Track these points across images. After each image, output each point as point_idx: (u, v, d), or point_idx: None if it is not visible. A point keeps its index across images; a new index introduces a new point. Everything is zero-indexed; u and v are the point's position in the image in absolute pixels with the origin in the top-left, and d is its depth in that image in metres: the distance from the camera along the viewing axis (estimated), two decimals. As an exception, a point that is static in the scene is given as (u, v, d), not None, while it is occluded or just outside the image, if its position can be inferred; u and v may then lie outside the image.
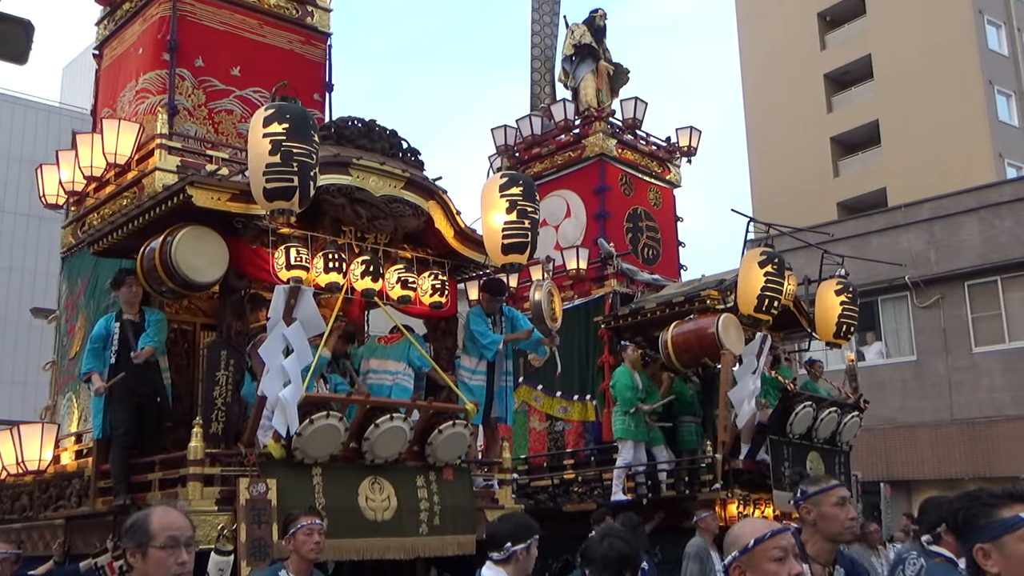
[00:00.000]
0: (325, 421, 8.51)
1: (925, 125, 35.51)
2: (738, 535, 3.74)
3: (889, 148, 37.14)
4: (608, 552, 4.89)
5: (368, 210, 9.45)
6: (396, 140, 9.88)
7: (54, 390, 11.32)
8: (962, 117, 35.09)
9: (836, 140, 39.39)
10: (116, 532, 8.79)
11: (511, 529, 5.39)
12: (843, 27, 40.32)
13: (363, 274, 9.31)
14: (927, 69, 35.98)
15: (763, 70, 40.69)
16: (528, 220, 9.60)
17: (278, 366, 8.14)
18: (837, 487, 5.19)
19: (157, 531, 3.45)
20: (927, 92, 35.70)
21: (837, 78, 39.83)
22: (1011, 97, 36.83)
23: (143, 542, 3.44)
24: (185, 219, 8.66)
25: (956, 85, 35.30)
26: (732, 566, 3.67)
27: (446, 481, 9.49)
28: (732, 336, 12.56)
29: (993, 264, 26.40)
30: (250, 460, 8.38)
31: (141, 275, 8.80)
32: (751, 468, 12.84)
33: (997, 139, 35.30)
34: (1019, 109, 36.94)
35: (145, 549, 3.43)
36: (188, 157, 10.27)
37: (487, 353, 10.61)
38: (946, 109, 35.25)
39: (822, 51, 40.47)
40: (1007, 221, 26.77)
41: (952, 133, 34.91)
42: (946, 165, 34.16)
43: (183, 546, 3.47)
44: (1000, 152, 35.26)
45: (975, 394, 26.86)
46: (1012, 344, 26.60)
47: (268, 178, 8.07)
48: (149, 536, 3.44)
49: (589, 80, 15.86)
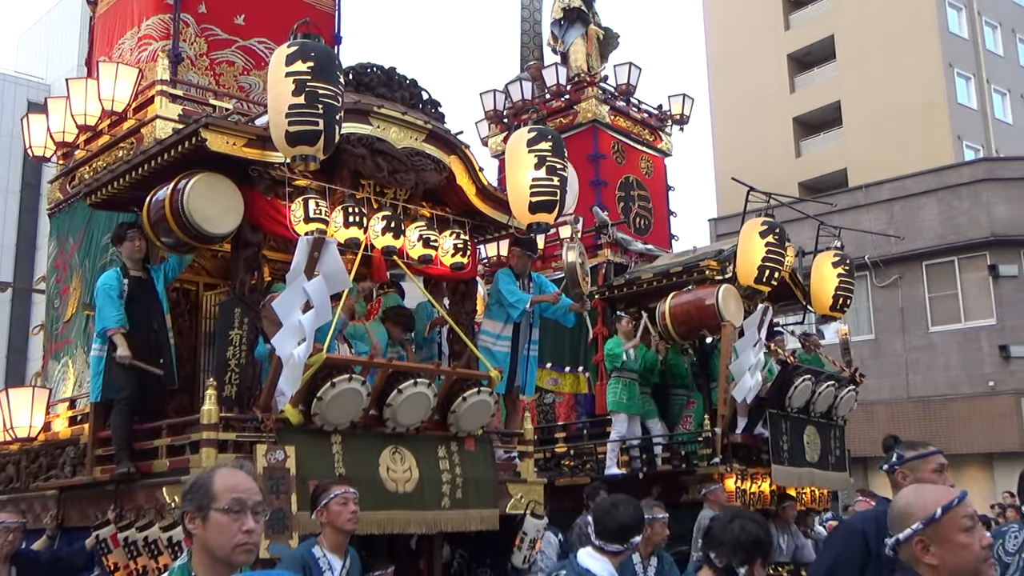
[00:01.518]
0: (347, 385, 7.72)
1: (886, 107, 35.55)
2: (915, 504, 3.16)
3: (850, 129, 37.12)
4: (739, 536, 4.33)
5: (389, 163, 8.62)
6: (416, 90, 9.07)
7: (45, 355, 10.33)
8: (923, 99, 35.22)
9: (798, 120, 39.25)
10: (118, 503, 7.96)
11: (636, 519, 4.73)
12: (807, 7, 40.27)
13: (384, 230, 8.51)
14: (889, 51, 36.02)
15: (727, 48, 40.29)
16: (557, 177, 8.85)
17: (294, 322, 7.30)
18: (936, 453, 4.70)
19: (221, 492, 3.02)
20: (888, 74, 35.76)
21: (800, 58, 39.66)
22: (970, 80, 36.92)
23: (204, 504, 3.01)
24: (194, 167, 7.77)
25: (917, 67, 35.41)
26: (914, 540, 3.10)
27: (468, 452, 8.73)
28: (732, 308, 11.92)
29: (951, 245, 26.22)
30: (267, 425, 7.55)
31: (148, 226, 7.91)
32: (748, 442, 12.23)
33: (956, 121, 35.41)
34: (977, 92, 36.95)
35: (206, 512, 3.00)
36: (190, 107, 9.34)
37: (513, 313, 9.80)
38: (907, 91, 35.33)
39: (786, 31, 40.23)
40: (965, 202, 26.62)
41: (912, 115, 34.87)
42: (906, 147, 34.06)
43: (250, 512, 3.04)
44: (959, 135, 35.39)
45: (931, 372, 26.75)
46: (967, 324, 26.66)
47: (291, 120, 7.25)
48: (211, 498, 3.01)
49: (579, 44, 15.10)
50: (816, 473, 12.50)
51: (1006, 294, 26.11)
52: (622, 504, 4.98)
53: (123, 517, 7.82)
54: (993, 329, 26.12)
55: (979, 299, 26.58)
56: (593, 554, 4.76)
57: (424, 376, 8.23)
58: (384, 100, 8.69)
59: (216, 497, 3.00)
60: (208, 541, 3.01)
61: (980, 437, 25.51)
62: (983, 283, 26.49)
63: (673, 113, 15.33)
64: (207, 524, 3.00)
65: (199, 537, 3.03)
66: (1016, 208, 26.22)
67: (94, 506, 8.31)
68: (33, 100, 36.79)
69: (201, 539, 3.02)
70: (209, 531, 3.00)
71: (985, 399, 25.70)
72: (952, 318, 26.77)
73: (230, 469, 3.17)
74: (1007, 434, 25.27)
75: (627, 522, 4.82)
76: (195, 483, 3.08)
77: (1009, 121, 38.25)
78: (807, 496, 12.82)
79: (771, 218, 12.19)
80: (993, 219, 25.95)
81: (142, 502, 7.74)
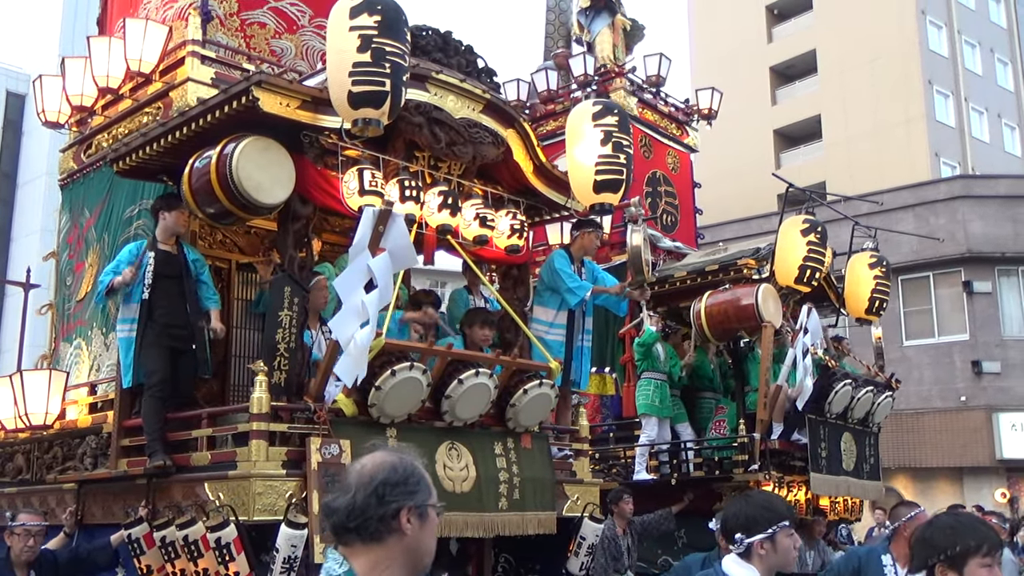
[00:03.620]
0: (408, 373, 6.88)
1: (866, 122, 35.17)
2: None
3: (830, 143, 36.67)
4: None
5: (447, 133, 7.78)
6: (472, 57, 8.23)
7: (53, 337, 9.36)
8: (902, 115, 34.87)
9: (779, 133, 38.73)
10: (150, 498, 7.02)
11: (744, 515, 3.97)
12: (790, 21, 39.84)
13: (440, 207, 7.67)
14: (870, 66, 35.66)
15: (712, 59, 39.66)
16: (623, 155, 8.05)
17: (356, 304, 6.44)
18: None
19: (430, 485, 2.58)
20: (869, 89, 35.39)
21: (782, 71, 39.20)
22: (949, 98, 36.60)
23: (426, 500, 2.53)
24: (238, 132, 6.88)
25: (897, 84, 35.04)
26: None
27: (525, 450, 7.91)
28: (771, 308, 11.17)
29: (926, 260, 25.89)
30: (320, 416, 6.67)
31: (188, 194, 6.99)
32: (785, 449, 11.48)
33: (934, 138, 35.03)
34: (956, 110, 36.67)
35: (425, 510, 2.52)
36: (221, 70, 8.45)
37: (571, 300, 8.90)
38: (887, 107, 34.96)
39: (769, 44, 39.75)
40: (941, 218, 26.32)
41: (891, 131, 34.63)
42: (884, 162, 33.64)
43: None
44: (936, 151, 35.01)
45: (904, 387, 26.18)
46: (941, 339, 26.48)
47: (356, 80, 6.44)
48: (430, 492, 2.56)
49: (605, 34, 14.29)
50: (852, 482, 11.77)
51: (979, 310, 25.83)
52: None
53: (157, 514, 6.91)
54: (966, 345, 25.83)
55: (953, 315, 26.31)
56: (739, 561, 4.01)
57: (485, 366, 7.41)
58: (440, 66, 7.86)
59: (431, 491, 2.55)
60: (421, 542, 2.52)
61: (951, 451, 25.34)
62: (957, 299, 26.23)
63: (701, 108, 14.57)
64: (425, 524, 2.52)
65: (411, 540, 2.49)
66: (991, 225, 25.98)
67: (120, 502, 7.39)
68: (12, 91, 35.61)
69: (412, 542, 2.50)
70: (425, 531, 2.52)
71: (957, 414, 25.47)
72: (926, 332, 26.45)
73: (411, 457, 2.64)
74: (977, 448, 25.05)
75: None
76: (408, 474, 2.53)
77: (986, 139, 37.90)
78: (840, 505, 12.09)
79: (812, 216, 11.51)
80: (969, 236, 25.67)
81: (179, 498, 6.83)
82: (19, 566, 6.69)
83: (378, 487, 2.47)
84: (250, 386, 8.04)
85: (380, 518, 2.45)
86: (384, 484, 2.47)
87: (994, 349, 25.61)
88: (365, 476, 2.50)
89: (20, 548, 6.65)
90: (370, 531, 2.45)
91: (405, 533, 2.47)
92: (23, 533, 6.65)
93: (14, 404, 8.05)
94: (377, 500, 2.45)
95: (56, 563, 6.95)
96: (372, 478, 2.49)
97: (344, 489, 2.52)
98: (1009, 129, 39.38)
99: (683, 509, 11.05)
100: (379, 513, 2.45)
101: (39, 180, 32.18)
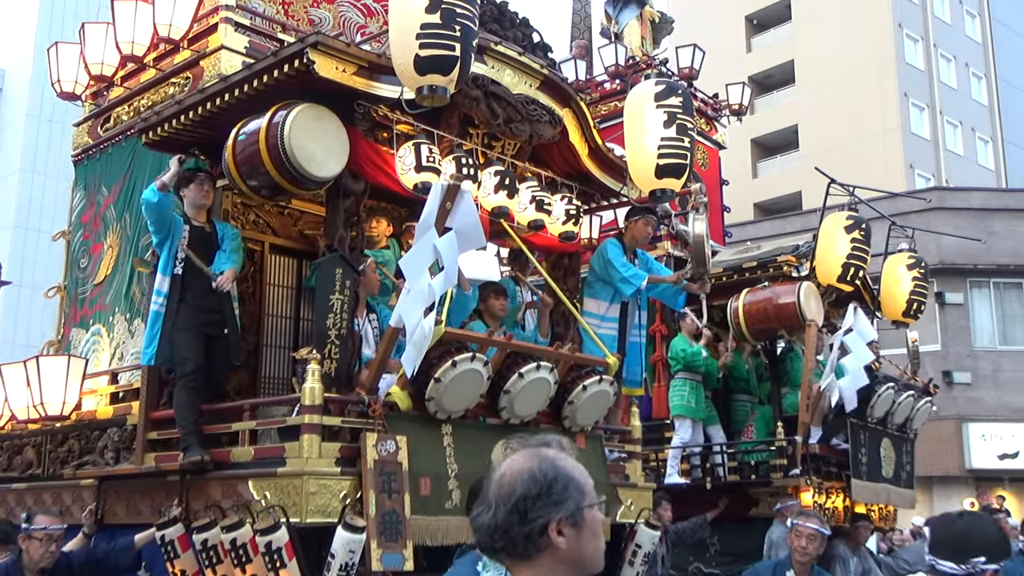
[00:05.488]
0: (469, 365, 6.29)
1: (842, 132, 35.00)
2: None
3: (807, 152, 36.62)
4: None
5: (504, 110, 7.20)
6: (528, 30, 7.66)
7: (62, 322, 8.68)
8: (878, 127, 34.92)
9: (756, 142, 38.53)
10: (184, 496, 6.39)
11: (990, 540, 3.46)
12: (769, 31, 39.85)
13: (496, 188, 7.08)
14: (847, 78, 35.64)
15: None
16: (687, 138, 7.49)
17: (423, 287, 5.85)
18: None
19: (585, 483, 2.29)
20: (846, 101, 35.36)
21: (760, 81, 38.95)
22: (924, 110, 36.67)
23: (579, 505, 2.23)
24: (284, 101, 6.29)
25: (874, 96, 35.06)
26: None
27: (580, 450, 7.28)
28: (813, 307, 10.71)
29: (900, 271, 25.89)
30: (375, 410, 6.07)
31: (232, 166, 6.36)
32: (825, 453, 10.98)
33: (909, 150, 35.04)
34: (931, 122, 36.77)
35: (580, 515, 2.23)
36: (255, 39, 7.84)
37: (625, 289, 8.31)
38: (863, 118, 34.93)
39: (747, 53, 39.62)
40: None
41: (867, 142, 34.74)
42: (860, 173, 33.38)
43: None
44: (911, 163, 35.01)
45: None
46: (918, 349, 26.29)
47: (424, 43, 5.85)
48: (583, 493, 2.26)
49: (634, 26, 13.73)
50: (891, 489, 11.28)
51: (951, 321, 25.68)
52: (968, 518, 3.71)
53: (191, 514, 6.28)
54: (937, 355, 25.44)
55: (924, 325, 26.07)
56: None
57: (545, 359, 6.83)
58: (497, 38, 7.29)
59: (586, 491, 2.26)
60: (581, 551, 2.23)
61: (921, 461, 24.73)
62: (929, 310, 25.99)
63: (731, 103, 14.05)
64: (582, 530, 2.23)
65: (567, 552, 2.20)
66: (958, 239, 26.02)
67: (147, 500, 6.73)
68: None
69: (570, 553, 2.21)
70: (583, 539, 2.23)
71: (927, 423, 25.23)
72: (901, 343, 26.33)
73: (555, 451, 2.31)
74: (947, 458, 24.84)
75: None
76: (550, 482, 2.22)
77: (960, 152, 37.96)
78: (876, 514, 11.60)
79: (855, 212, 11.05)
80: (941, 247, 25.41)
81: (217, 497, 6.18)
82: (30, 570, 6.04)
83: (518, 503, 2.20)
84: (283, 377, 7.56)
85: (526, 536, 2.18)
86: (524, 499, 2.19)
87: (965, 360, 25.51)
88: (504, 490, 2.23)
89: (40, 554, 5.97)
90: (519, 551, 2.20)
91: (558, 547, 2.20)
92: (45, 539, 5.98)
93: (28, 392, 7.36)
94: (520, 518, 2.19)
95: (70, 566, 6.24)
96: (511, 492, 2.21)
97: (486, 504, 2.26)
98: (982, 142, 39.45)
99: (717, 515, 10.57)
100: (524, 532, 2.18)
101: (12, 176, 31.21)
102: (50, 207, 27.13)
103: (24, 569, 6.00)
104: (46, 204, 28.67)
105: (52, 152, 29.41)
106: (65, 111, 17.69)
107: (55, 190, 25.76)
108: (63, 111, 21.64)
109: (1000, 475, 25.28)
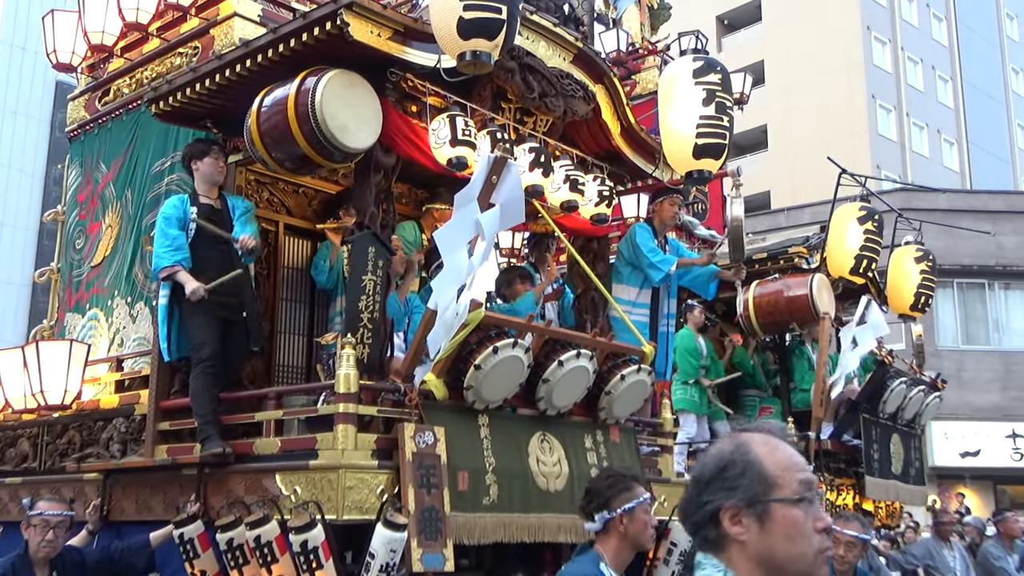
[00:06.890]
0: (510, 352, 5.84)
1: (810, 133, 35.08)
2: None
3: (775, 152, 36.58)
4: None
5: (540, 83, 6.76)
6: (561, 2, 7.21)
7: (57, 306, 8.12)
8: (846, 128, 34.98)
9: (726, 142, 38.62)
10: (201, 492, 5.89)
11: None
12: (740, 32, 39.95)
13: (531, 165, 6.64)
14: (816, 79, 35.74)
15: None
16: (726, 117, 7.06)
17: (460, 263, 5.41)
18: None
19: (778, 473, 1.93)
20: (814, 101, 35.49)
21: (731, 81, 39.07)
22: (891, 112, 36.87)
23: (758, 495, 1.91)
24: (309, 67, 5.82)
25: (842, 97, 35.25)
26: None
27: (614, 443, 6.88)
28: (825, 299, 10.36)
29: (863, 271, 26.02)
30: (411, 399, 5.61)
31: (256, 137, 5.87)
32: (836, 449, 10.66)
33: (876, 151, 35.18)
34: (897, 124, 36.95)
35: (764, 507, 1.90)
36: (268, 7, 7.35)
37: (654, 275, 7.89)
38: (831, 119, 35.06)
39: (719, 53, 39.54)
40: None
41: (835, 142, 34.66)
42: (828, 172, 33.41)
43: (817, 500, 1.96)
44: (878, 164, 34.97)
45: (855, 397, 26.26)
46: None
47: (468, 3, 5.37)
48: (769, 484, 1.91)
49: (633, 12, 13.42)
50: (901, 486, 10.97)
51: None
52: None
53: (210, 511, 5.78)
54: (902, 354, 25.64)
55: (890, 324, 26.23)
56: None
57: (585, 347, 6.40)
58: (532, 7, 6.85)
59: (775, 482, 1.93)
60: (773, 551, 1.92)
61: None
62: None
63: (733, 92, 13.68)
64: (767, 525, 1.92)
65: (753, 549, 1.93)
66: (928, 238, 25.71)
67: (159, 495, 6.19)
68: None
69: (758, 551, 1.93)
70: (771, 536, 1.92)
71: None
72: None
73: (764, 437, 2.01)
74: None
75: None
76: (727, 464, 1.97)
77: (926, 154, 38.18)
78: (883, 511, 11.29)
79: (868, 203, 10.73)
80: None
81: (240, 492, 5.66)
82: (38, 564, 5.53)
83: (698, 484, 2.02)
84: (298, 365, 7.09)
85: (701, 523, 1.99)
86: (699, 481, 2.02)
87: (928, 359, 25.34)
88: (695, 469, 2.07)
89: (37, 542, 5.45)
90: (706, 539, 1.99)
91: (738, 540, 1.94)
92: (41, 524, 5.46)
93: (27, 380, 6.80)
94: (697, 501, 2.01)
95: (84, 563, 5.73)
96: (700, 473, 2.03)
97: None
98: (948, 144, 39.68)
99: None
100: (699, 517, 1.99)
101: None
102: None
103: (31, 561, 5.50)
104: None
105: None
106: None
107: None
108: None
109: (962, 473, 25.54)
